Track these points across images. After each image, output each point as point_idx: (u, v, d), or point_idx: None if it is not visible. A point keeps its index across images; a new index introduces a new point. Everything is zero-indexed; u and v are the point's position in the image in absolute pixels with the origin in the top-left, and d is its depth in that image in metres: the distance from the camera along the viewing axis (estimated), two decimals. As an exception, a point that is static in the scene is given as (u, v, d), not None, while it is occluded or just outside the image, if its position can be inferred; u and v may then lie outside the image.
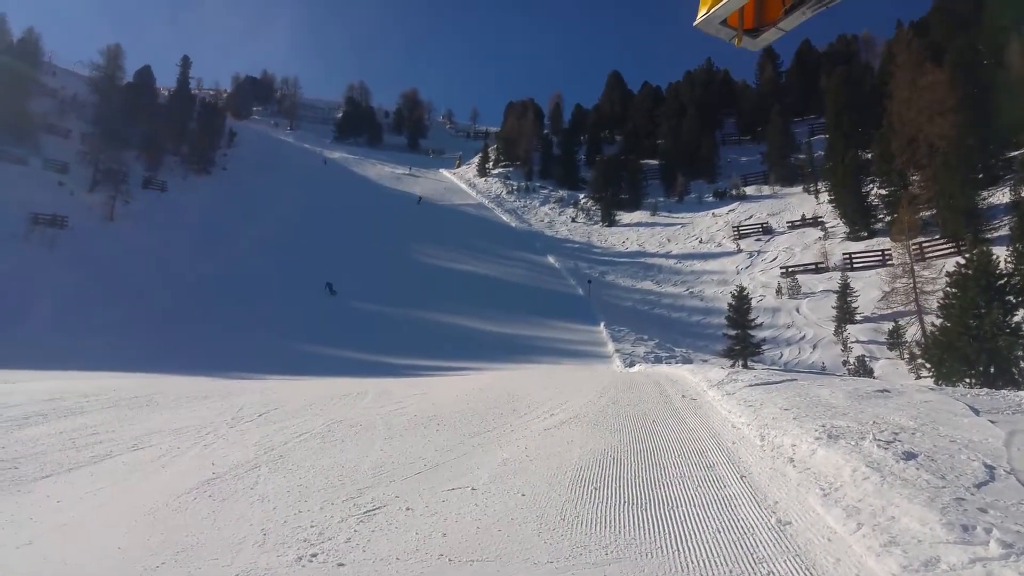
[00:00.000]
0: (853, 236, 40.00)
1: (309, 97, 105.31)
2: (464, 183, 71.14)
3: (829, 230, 42.11)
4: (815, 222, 44.18)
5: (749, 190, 55.88)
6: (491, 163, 73.88)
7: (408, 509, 4.79)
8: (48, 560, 4.07)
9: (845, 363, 25.65)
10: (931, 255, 31.03)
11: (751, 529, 4.07)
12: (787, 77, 72.61)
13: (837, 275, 32.71)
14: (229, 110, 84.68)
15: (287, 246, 45.22)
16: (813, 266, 37.69)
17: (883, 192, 39.42)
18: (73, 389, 12.23)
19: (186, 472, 6.14)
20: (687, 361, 24.98)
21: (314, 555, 3.93)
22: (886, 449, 4.78)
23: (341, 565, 3.80)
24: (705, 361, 24.84)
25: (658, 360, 25.52)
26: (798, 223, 45.36)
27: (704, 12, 3.54)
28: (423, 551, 3.93)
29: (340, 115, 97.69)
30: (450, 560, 3.80)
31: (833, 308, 29.65)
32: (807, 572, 3.46)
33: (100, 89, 61.52)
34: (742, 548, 3.79)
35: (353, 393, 11.65)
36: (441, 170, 77.60)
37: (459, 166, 78.36)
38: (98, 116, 57.63)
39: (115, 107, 58.50)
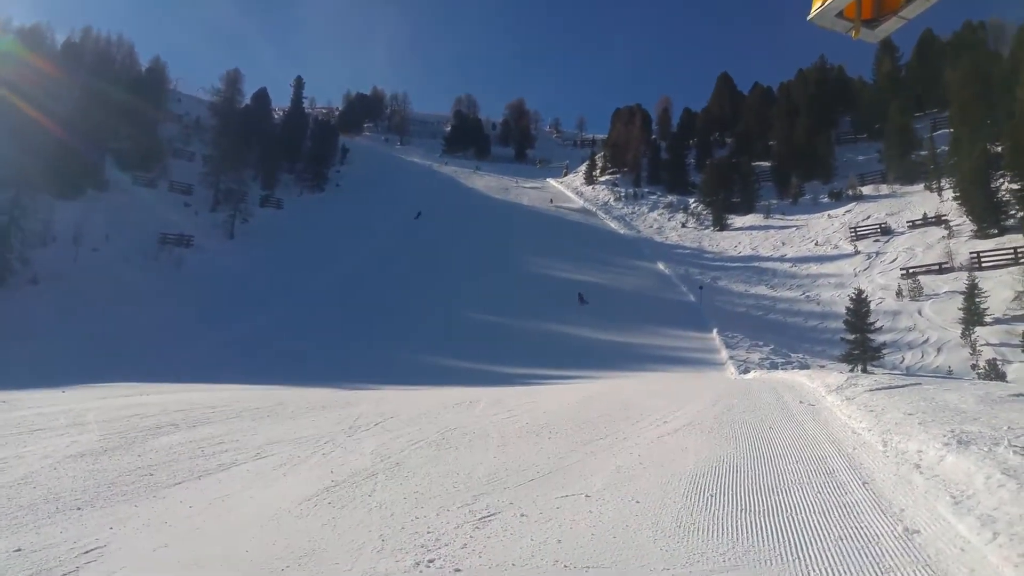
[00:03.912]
0: (981, 234, 37.53)
1: (418, 112, 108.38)
2: (571, 191, 71.23)
3: (954, 229, 39.51)
4: (938, 221, 41.61)
5: (866, 190, 53.33)
6: (598, 170, 73.50)
7: (523, 515, 4.82)
8: (182, 562, 4.28)
9: (974, 367, 24.16)
10: (1071, 252, 28.95)
11: (876, 537, 3.93)
12: (907, 70, 67.28)
13: (963, 275, 30.78)
14: (341, 127, 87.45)
15: (400, 258, 46.49)
16: (936, 266, 35.64)
17: (1015, 187, 36.66)
18: (200, 401, 12.88)
19: (306, 480, 6.33)
20: (804, 367, 24.12)
21: (431, 560, 3.99)
22: (1024, 456, 4.51)
23: (458, 571, 3.84)
24: (823, 367, 23.90)
25: (774, 366, 24.80)
26: (919, 222, 42.93)
27: (819, 5, 3.42)
28: (539, 557, 3.97)
29: (448, 128, 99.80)
30: (565, 566, 3.81)
31: (959, 310, 28.03)
32: (939, 583, 3.32)
33: (221, 113, 64.36)
34: (867, 557, 3.67)
35: (466, 402, 11.82)
36: (548, 179, 78.17)
37: (566, 175, 78.65)
38: (219, 139, 60.17)
39: (234, 129, 60.89)
